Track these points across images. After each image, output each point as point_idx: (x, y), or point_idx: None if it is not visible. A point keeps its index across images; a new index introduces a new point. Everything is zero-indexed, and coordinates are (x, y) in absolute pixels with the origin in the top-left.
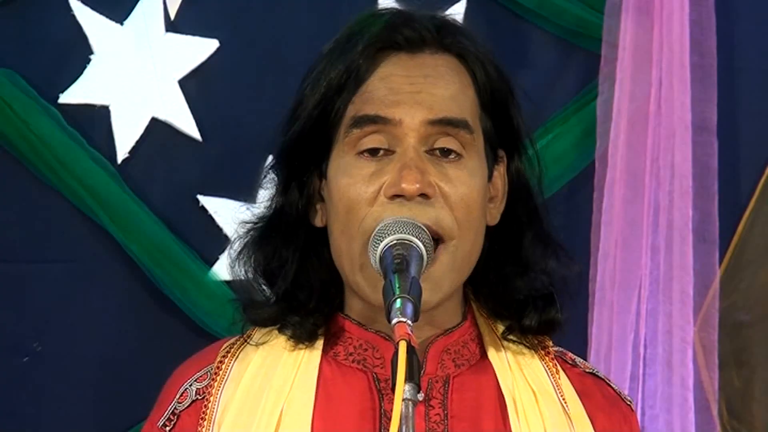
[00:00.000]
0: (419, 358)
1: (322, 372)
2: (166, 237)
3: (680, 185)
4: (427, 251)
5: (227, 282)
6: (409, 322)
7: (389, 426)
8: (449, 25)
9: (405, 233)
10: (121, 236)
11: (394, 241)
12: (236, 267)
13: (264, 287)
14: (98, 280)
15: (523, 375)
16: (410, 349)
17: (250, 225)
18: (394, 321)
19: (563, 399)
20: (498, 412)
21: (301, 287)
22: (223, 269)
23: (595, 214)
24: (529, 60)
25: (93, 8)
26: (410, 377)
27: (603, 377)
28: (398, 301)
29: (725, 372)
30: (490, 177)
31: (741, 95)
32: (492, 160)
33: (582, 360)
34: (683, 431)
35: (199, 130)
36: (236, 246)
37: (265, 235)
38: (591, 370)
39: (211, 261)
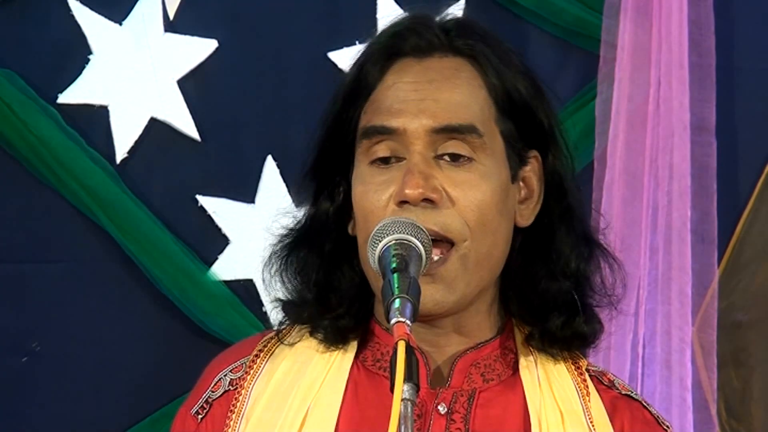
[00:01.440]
0: (446, 371)
1: (353, 376)
2: (165, 237)
3: (679, 185)
4: (426, 251)
5: (226, 282)
6: (408, 322)
7: None
8: (462, 26)
9: (403, 233)
10: (119, 236)
11: (393, 242)
12: (273, 271)
13: (298, 291)
14: (97, 280)
15: (552, 394)
16: (409, 349)
17: (287, 232)
18: (393, 321)
19: (591, 422)
20: (522, 431)
21: (334, 291)
22: (221, 269)
23: (593, 214)
24: (527, 60)
25: (92, 8)
26: (409, 377)
27: (640, 400)
28: (397, 301)
29: (724, 372)
30: (514, 178)
31: (740, 95)
32: (516, 162)
33: (622, 382)
34: (682, 431)
35: (198, 130)
36: (274, 251)
37: (297, 243)
38: (628, 393)
39: (210, 261)
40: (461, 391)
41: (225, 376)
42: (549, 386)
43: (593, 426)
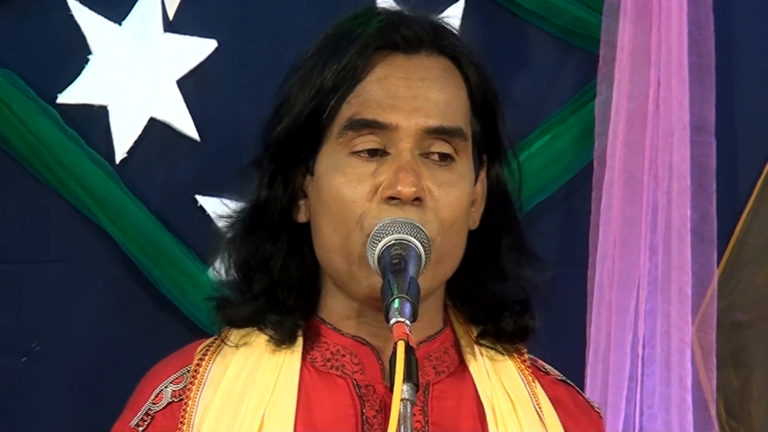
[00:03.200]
0: None
1: (303, 378)
2: (164, 236)
3: (678, 185)
4: (425, 251)
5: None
6: (408, 322)
7: None
8: (443, 27)
9: (403, 233)
10: (119, 236)
11: (393, 242)
12: (222, 262)
13: (243, 285)
14: (96, 280)
15: (501, 383)
16: (409, 349)
17: (231, 220)
18: (393, 321)
19: (539, 407)
20: (477, 420)
21: (281, 284)
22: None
23: (593, 214)
24: (527, 60)
25: (91, 8)
26: (408, 377)
27: (573, 385)
28: (396, 301)
29: (723, 372)
30: (475, 181)
31: (739, 95)
32: (478, 164)
33: (551, 367)
34: (681, 431)
35: (198, 130)
36: (223, 241)
37: (249, 230)
38: (562, 378)
39: (210, 261)
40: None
41: (166, 387)
42: (497, 376)
43: (541, 411)
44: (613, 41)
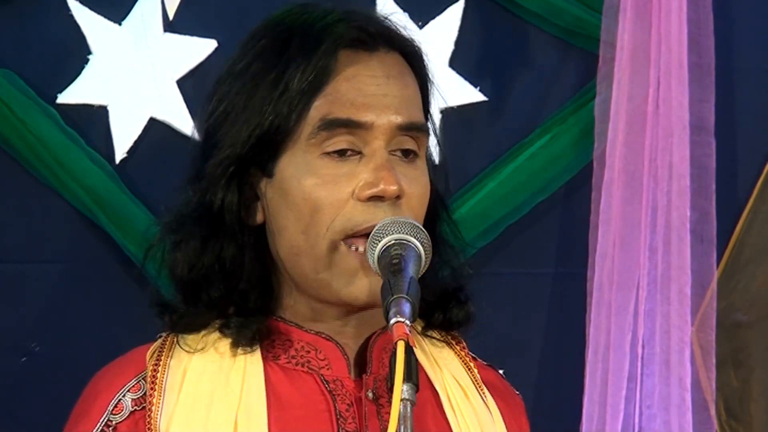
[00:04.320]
0: (365, 357)
1: (268, 376)
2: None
3: (678, 185)
4: (425, 251)
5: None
6: (407, 321)
7: (346, 426)
8: (390, 22)
9: (403, 233)
10: (119, 236)
11: (393, 241)
12: (175, 267)
13: (200, 289)
14: (96, 280)
15: (449, 370)
16: (408, 349)
17: (170, 225)
18: (392, 321)
19: (482, 392)
20: (435, 408)
21: (242, 288)
22: None
23: (593, 214)
24: (527, 60)
25: (91, 8)
26: (408, 377)
27: (496, 369)
28: (395, 301)
29: (723, 372)
30: None
31: (739, 95)
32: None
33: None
34: (681, 431)
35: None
36: (168, 244)
37: (210, 235)
38: (488, 363)
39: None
40: (380, 377)
41: (124, 396)
42: (443, 364)
43: (484, 395)
44: (613, 41)
